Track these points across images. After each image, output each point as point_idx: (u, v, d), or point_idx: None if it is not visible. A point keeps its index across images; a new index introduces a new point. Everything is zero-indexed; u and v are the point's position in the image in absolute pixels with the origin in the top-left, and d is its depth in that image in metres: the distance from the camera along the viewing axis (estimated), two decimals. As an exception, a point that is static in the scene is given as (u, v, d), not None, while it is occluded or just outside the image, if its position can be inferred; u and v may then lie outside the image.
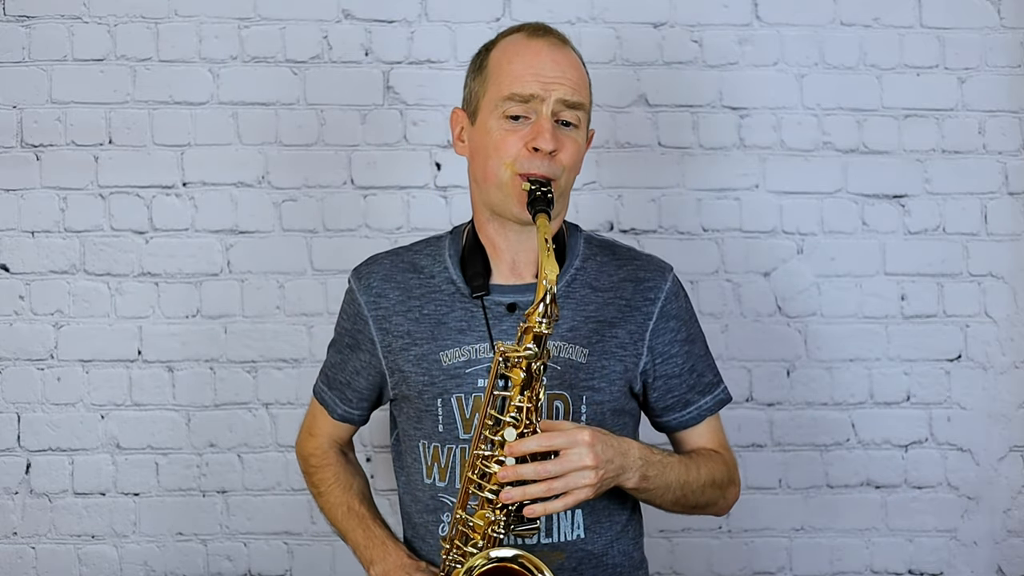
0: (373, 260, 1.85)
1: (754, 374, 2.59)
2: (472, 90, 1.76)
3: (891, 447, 2.61)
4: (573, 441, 1.53)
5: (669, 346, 1.78)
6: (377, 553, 1.79)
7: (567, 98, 1.67)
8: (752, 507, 2.59)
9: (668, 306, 1.78)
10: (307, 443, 1.95)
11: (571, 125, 1.70)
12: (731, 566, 2.60)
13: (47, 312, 2.52)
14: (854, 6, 2.58)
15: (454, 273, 1.77)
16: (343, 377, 1.86)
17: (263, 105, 2.53)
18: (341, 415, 1.89)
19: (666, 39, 2.57)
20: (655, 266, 1.82)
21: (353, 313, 1.82)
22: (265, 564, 2.55)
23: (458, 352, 1.72)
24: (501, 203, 1.70)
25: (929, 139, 2.60)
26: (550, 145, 1.65)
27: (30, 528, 2.52)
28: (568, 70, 1.70)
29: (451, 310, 1.75)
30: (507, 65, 1.69)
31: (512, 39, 1.74)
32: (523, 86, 1.66)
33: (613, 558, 1.75)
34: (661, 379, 1.78)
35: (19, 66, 2.51)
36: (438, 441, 1.73)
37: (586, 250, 1.80)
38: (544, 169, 1.65)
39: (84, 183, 2.52)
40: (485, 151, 1.70)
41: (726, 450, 1.85)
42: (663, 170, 2.58)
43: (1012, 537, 2.62)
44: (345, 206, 2.54)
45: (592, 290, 1.76)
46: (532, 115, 1.67)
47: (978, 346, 2.60)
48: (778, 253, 2.59)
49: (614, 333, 1.74)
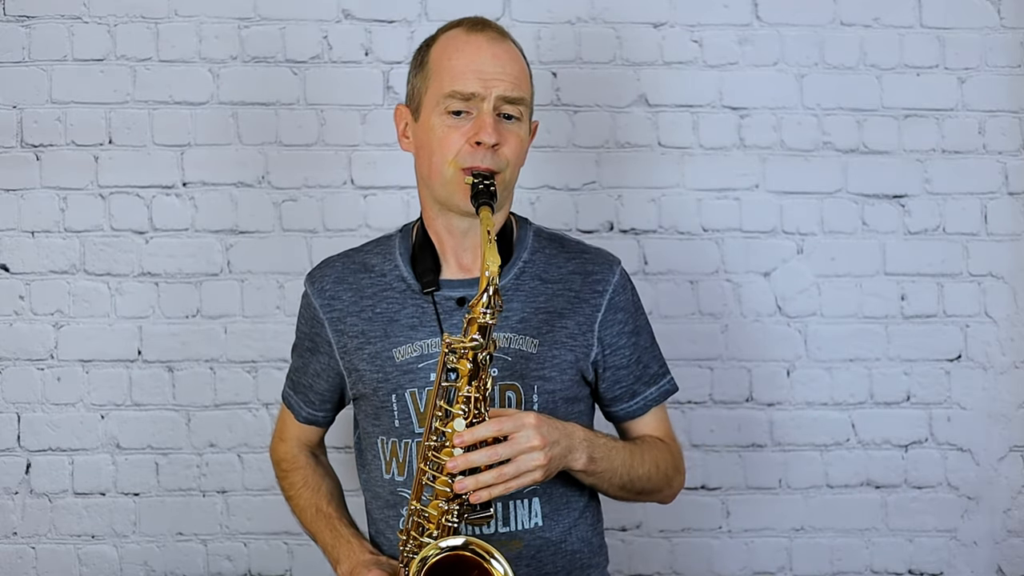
0: (325, 263, 1.88)
1: (754, 374, 2.59)
2: (414, 86, 1.77)
3: (891, 447, 2.61)
4: (519, 424, 1.57)
5: (617, 337, 1.80)
6: (343, 551, 1.80)
7: (507, 94, 1.69)
8: (752, 507, 2.59)
9: (616, 298, 1.80)
10: (278, 448, 1.98)
11: (513, 118, 1.71)
12: (731, 566, 2.60)
13: (47, 312, 2.52)
14: (854, 6, 2.58)
15: (404, 270, 1.80)
16: (305, 380, 1.89)
17: (263, 105, 2.53)
18: (306, 417, 1.92)
19: (666, 39, 2.57)
20: (603, 259, 1.84)
21: (309, 317, 1.85)
22: (265, 564, 2.55)
23: (410, 348, 1.75)
24: (447, 198, 1.72)
25: (929, 139, 2.60)
26: (492, 139, 1.67)
27: (30, 528, 2.52)
28: (508, 65, 1.71)
29: (403, 307, 1.77)
30: (447, 62, 1.71)
31: (451, 35, 1.75)
32: (464, 84, 1.68)
33: (571, 544, 1.78)
34: (610, 370, 1.81)
35: (19, 66, 2.51)
36: (395, 436, 1.75)
37: (535, 243, 1.83)
38: (487, 162, 1.68)
39: (84, 183, 2.52)
40: (429, 147, 1.72)
41: (672, 440, 1.88)
42: (663, 170, 2.58)
43: (1012, 537, 2.62)
44: (345, 206, 2.54)
45: (541, 282, 1.79)
46: (474, 110, 1.69)
47: (978, 346, 2.60)
48: (778, 253, 2.59)
49: (564, 324, 1.76)
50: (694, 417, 2.57)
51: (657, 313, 2.56)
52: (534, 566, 1.73)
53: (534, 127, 1.81)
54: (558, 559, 1.76)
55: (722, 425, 2.59)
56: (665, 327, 2.54)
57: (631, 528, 2.57)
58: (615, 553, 2.50)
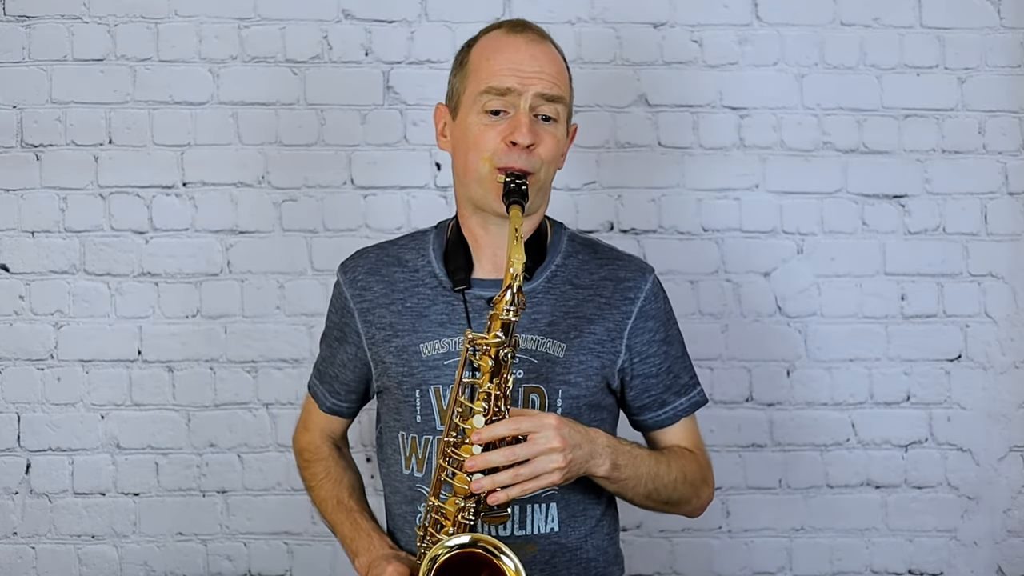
0: (359, 254, 1.88)
1: (754, 374, 2.59)
2: (454, 86, 1.78)
3: (891, 447, 2.61)
4: (539, 424, 1.55)
5: (647, 346, 1.79)
6: (362, 545, 1.80)
7: (545, 92, 1.69)
8: (752, 507, 2.59)
9: (647, 306, 1.79)
10: (301, 437, 1.98)
11: (550, 119, 1.71)
12: (731, 566, 2.60)
13: (47, 312, 2.52)
14: (854, 6, 2.58)
15: (437, 267, 1.80)
16: (332, 370, 1.89)
17: (263, 105, 2.53)
18: (330, 407, 1.92)
19: (666, 39, 2.57)
20: (636, 266, 1.83)
21: (340, 306, 1.85)
22: (265, 564, 2.55)
23: (437, 344, 1.74)
24: (481, 197, 1.72)
25: (929, 139, 2.60)
26: (527, 139, 1.66)
27: (30, 528, 2.52)
28: (546, 64, 1.71)
29: (433, 303, 1.77)
30: (486, 61, 1.71)
31: (492, 35, 1.75)
32: (500, 80, 1.68)
33: (587, 552, 1.77)
34: (639, 378, 1.80)
35: (19, 66, 2.51)
36: (416, 432, 1.75)
37: (568, 247, 1.82)
38: (522, 163, 1.67)
39: (84, 183, 2.52)
40: (465, 146, 1.72)
41: (701, 451, 1.87)
42: (663, 170, 2.58)
43: (1012, 537, 2.62)
44: (345, 206, 2.54)
45: (572, 287, 1.78)
46: (511, 110, 1.69)
47: (978, 346, 2.60)
48: (778, 253, 2.59)
49: (592, 329, 1.76)
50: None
51: (657, 313, 2.56)
52: (548, 572, 1.72)
53: (573, 130, 1.80)
54: (573, 566, 1.75)
55: (722, 425, 2.59)
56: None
57: (631, 528, 2.57)
58: (615, 553, 2.51)
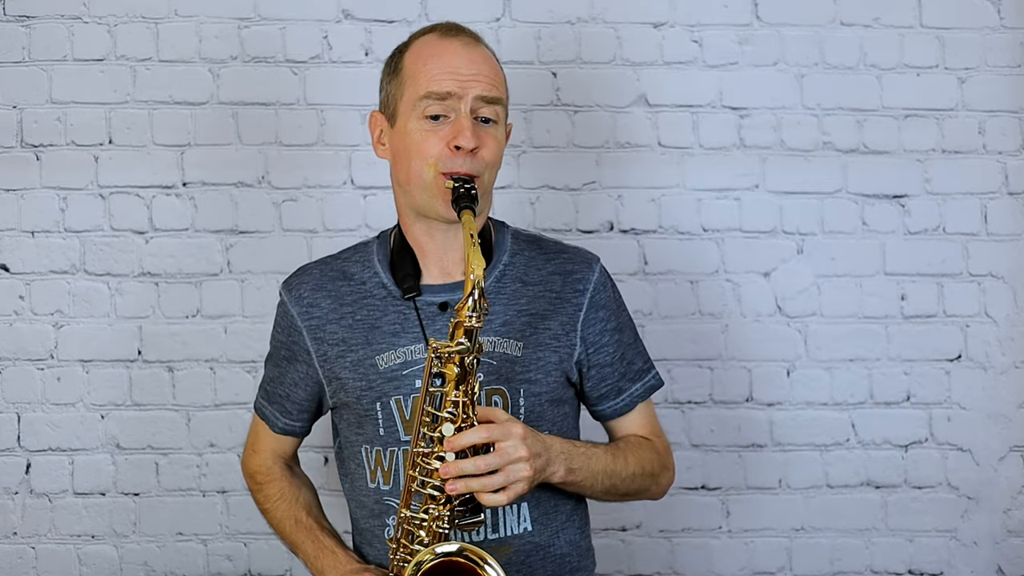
0: (302, 271, 1.86)
1: (754, 374, 2.59)
2: (389, 92, 1.76)
3: (891, 447, 2.61)
4: (508, 433, 1.57)
5: (600, 336, 1.80)
6: (327, 562, 1.80)
7: (485, 94, 1.69)
8: (752, 507, 2.59)
9: (597, 296, 1.80)
10: (251, 460, 1.96)
11: (490, 121, 1.71)
12: (731, 566, 2.60)
13: (47, 312, 2.52)
14: (854, 6, 2.58)
15: (384, 277, 1.78)
16: (282, 390, 1.87)
17: (263, 105, 2.53)
18: (283, 428, 1.90)
19: (666, 39, 2.57)
20: (582, 258, 1.83)
21: (287, 325, 1.83)
22: (265, 564, 2.55)
23: (394, 355, 1.74)
24: (426, 204, 1.71)
25: (929, 139, 2.60)
26: (471, 143, 1.66)
27: (30, 528, 2.52)
28: (483, 66, 1.71)
29: (384, 314, 1.76)
30: (423, 65, 1.70)
31: (425, 40, 1.75)
32: (440, 84, 1.67)
33: (560, 548, 1.77)
34: (594, 368, 1.81)
35: (19, 66, 2.51)
36: (380, 445, 1.74)
37: (513, 245, 1.82)
38: (467, 167, 1.67)
39: (84, 183, 2.52)
40: (407, 153, 1.71)
41: (658, 436, 1.87)
42: (663, 170, 2.58)
43: (1012, 537, 2.62)
44: (345, 206, 2.54)
45: (522, 284, 1.78)
46: (451, 114, 1.68)
47: (978, 346, 2.60)
48: (778, 253, 2.59)
49: (547, 325, 1.76)
50: (694, 417, 2.57)
51: (657, 313, 2.56)
52: (524, 571, 1.73)
53: (508, 129, 1.80)
54: (547, 563, 1.76)
55: (722, 425, 2.59)
56: (665, 327, 2.54)
57: (631, 528, 2.57)
58: (615, 553, 2.50)
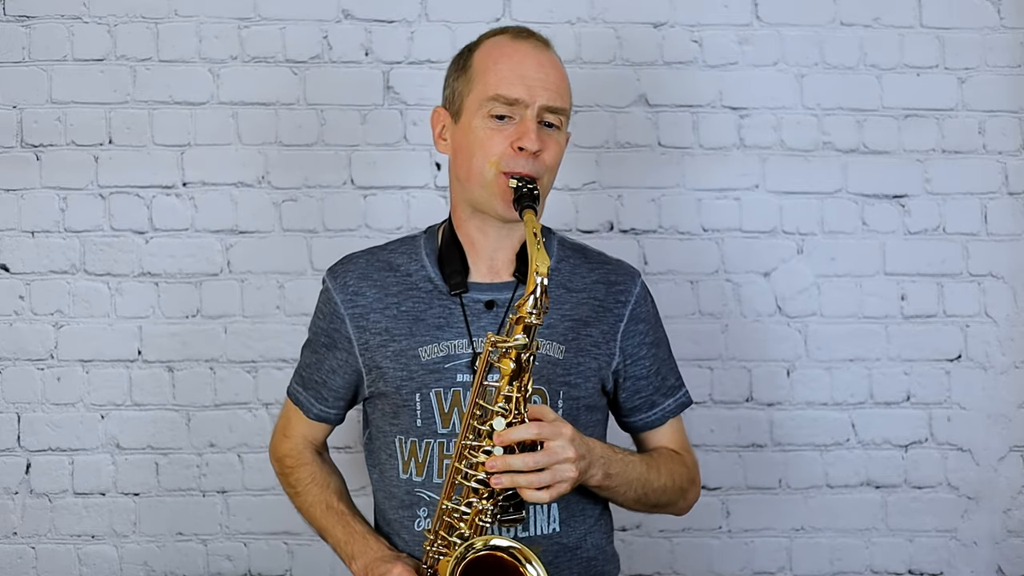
0: (348, 259, 1.87)
1: (754, 374, 2.59)
2: (455, 89, 1.77)
3: (891, 447, 2.61)
4: (557, 433, 1.57)
5: (638, 348, 1.82)
6: (358, 548, 1.79)
7: (551, 104, 1.71)
8: (752, 507, 2.59)
9: (638, 309, 1.83)
10: (281, 445, 1.96)
11: (553, 127, 1.73)
12: (731, 566, 2.60)
13: (47, 312, 2.52)
14: (854, 6, 2.58)
15: (431, 271, 1.80)
16: (319, 376, 1.87)
17: (263, 105, 2.53)
18: (317, 414, 1.90)
19: (666, 39, 2.57)
20: (625, 271, 1.86)
21: (329, 312, 1.84)
22: (265, 564, 2.55)
23: (436, 348, 1.74)
24: (484, 201, 1.72)
25: (929, 139, 2.60)
26: (535, 145, 1.68)
27: (30, 528, 2.52)
28: (551, 73, 1.73)
29: (429, 307, 1.77)
30: (492, 66, 1.72)
31: (496, 40, 1.76)
32: (509, 88, 1.69)
33: (587, 551, 1.78)
34: (630, 380, 1.82)
35: (19, 66, 2.51)
36: (416, 436, 1.75)
37: (560, 252, 1.84)
38: (528, 168, 1.69)
39: (84, 183, 2.52)
40: (469, 149, 1.72)
41: (687, 452, 1.89)
42: (663, 170, 2.58)
43: (1012, 537, 2.62)
44: (345, 206, 2.54)
45: (567, 290, 1.80)
46: (517, 115, 1.70)
47: (978, 346, 2.60)
48: (778, 253, 2.59)
49: (588, 332, 1.78)
50: (694, 417, 2.57)
51: (657, 313, 2.56)
52: (551, 572, 1.70)
53: (567, 137, 1.81)
54: (574, 565, 1.76)
55: (722, 425, 2.59)
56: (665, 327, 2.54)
57: (631, 528, 2.57)
58: (615, 553, 2.51)
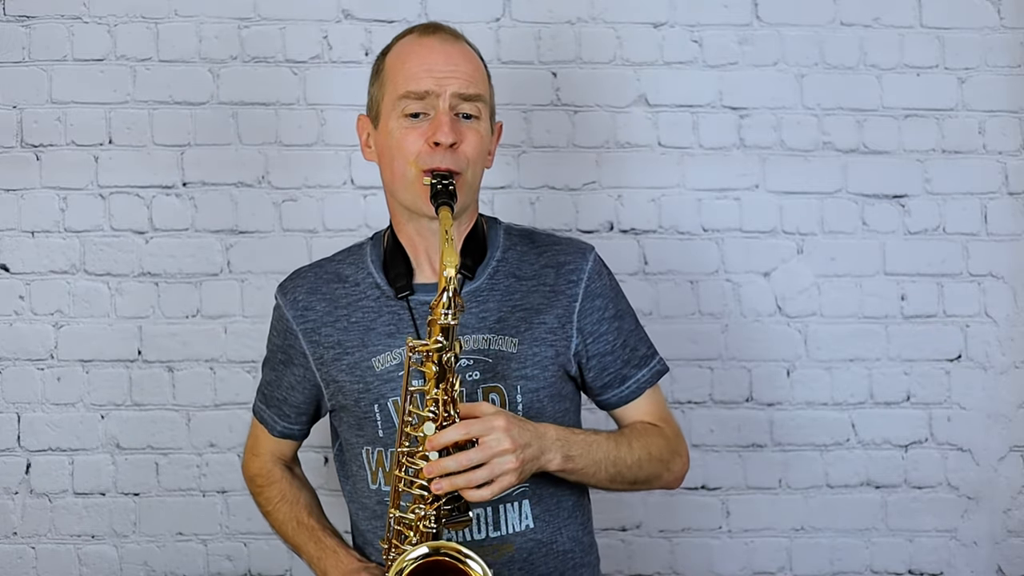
0: (296, 274, 1.86)
1: (754, 374, 2.59)
2: (372, 95, 1.78)
3: (891, 447, 2.61)
4: (489, 427, 1.55)
5: (598, 324, 1.78)
6: (330, 562, 1.80)
7: (462, 91, 1.68)
8: (752, 507, 2.59)
9: (592, 285, 1.78)
10: (251, 464, 1.96)
11: (472, 117, 1.71)
12: (731, 566, 2.60)
13: (47, 312, 2.52)
14: (854, 6, 2.58)
15: (378, 277, 1.78)
16: (279, 394, 1.87)
17: (263, 105, 2.53)
18: (281, 431, 1.90)
19: (666, 39, 2.57)
20: (575, 248, 1.82)
21: (282, 329, 1.83)
22: (265, 564, 2.55)
23: (389, 356, 1.73)
24: (412, 202, 1.71)
25: (929, 139, 2.60)
26: (449, 138, 1.66)
27: (30, 528, 2.52)
28: (461, 63, 1.71)
29: (379, 315, 1.76)
30: (401, 65, 1.72)
31: (405, 40, 1.76)
32: (417, 83, 1.68)
33: (562, 544, 1.77)
34: (595, 358, 1.79)
35: (19, 66, 2.51)
36: (380, 446, 1.74)
37: (506, 241, 1.81)
38: (447, 162, 1.66)
39: (84, 183, 2.52)
40: (390, 152, 1.71)
41: (667, 422, 1.84)
42: (663, 170, 2.58)
43: (1012, 537, 2.62)
44: (345, 206, 2.54)
45: (516, 279, 1.77)
46: (431, 111, 1.68)
47: (978, 346, 2.60)
48: (778, 253, 2.59)
49: (542, 319, 1.75)
50: (694, 417, 2.57)
51: (657, 313, 2.56)
52: (527, 569, 1.72)
53: (498, 128, 1.80)
54: (550, 560, 1.75)
55: (722, 425, 2.59)
56: (665, 327, 2.54)
57: (631, 528, 2.57)
58: (615, 553, 2.50)
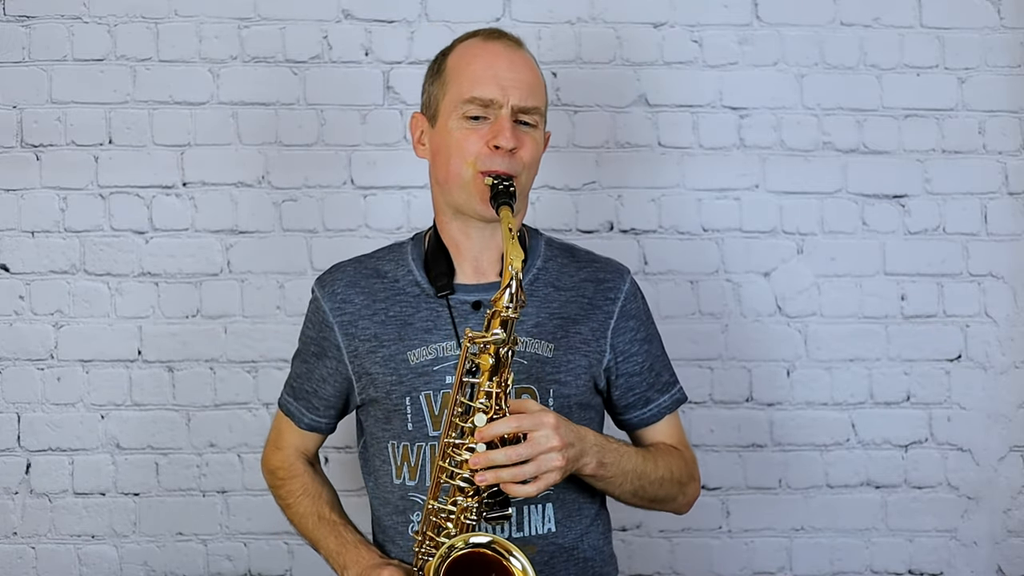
0: (336, 268, 1.88)
1: (754, 374, 2.59)
2: (431, 94, 1.79)
3: (891, 447, 2.61)
4: (539, 423, 1.57)
5: (629, 345, 1.82)
6: (350, 557, 1.80)
7: (523, 104, 1.72)
8: (752, 507, 2.59)
9: (628, 306, 1.83)
10: (273, 456, 1.96)
11: (529, 125, 1.74)
12: (731, 566, 2.60)
13: (47, 312, 2.52)
14: (854, 6, 2.58)
15: (418, 275, 1.80)
16: (309, 386, 1.88)
17: (263, 105, 2.53)
18: (308, 424, 1.90)
19: (666, 39, 2.57)
20: (614, 268, 1.87)
21: (318, 321, 1.85)
22: (265, 564, 2.55)
23: (425, 351, 1.75)
24: (464, 202, 1.73)
25: (929, 139, 2.60)
26: (511, 143, 1.69)
27: (30, 528, 2.52)
28: (524, 73, 1.74)
29: (416, 311, 1.78)
30: (466, 68, 1.74)
31: (469, 43, 1.78)
32: (482, 90, 1.70)
33: (584, 552, 1.78)
34: (623, 377, 1.82)
35: (19, 66, 2.51)
36: (407, 440, 1.75)
37: (547, 251, 1.85)
38: (505, 166, 1.69)
39: (84, 183, 2.52)
40: (447, 151, 1.73)
41: (686, 448, 1.89)
42: (663, 170, 2.58)
43: (1012, 537, 2.62)
44: (345, 206, 2.54)
45: (555, 289, 1.80)
46: (491, 115, 1.71)
47: (978, 346, 2.60)
48: (778, 253, 2.59)
49: (577, 329, 1.78)
50: (694, 417, 2.57)
51: (657, 313, 2.54)
52: (547, 572, 1.72)
53: (546, 137, 1.83)
54: (571, 566, 1.76)
55: (722, 425, 2.59)
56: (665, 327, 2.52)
57: (631, 528, 2.57)
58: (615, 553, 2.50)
